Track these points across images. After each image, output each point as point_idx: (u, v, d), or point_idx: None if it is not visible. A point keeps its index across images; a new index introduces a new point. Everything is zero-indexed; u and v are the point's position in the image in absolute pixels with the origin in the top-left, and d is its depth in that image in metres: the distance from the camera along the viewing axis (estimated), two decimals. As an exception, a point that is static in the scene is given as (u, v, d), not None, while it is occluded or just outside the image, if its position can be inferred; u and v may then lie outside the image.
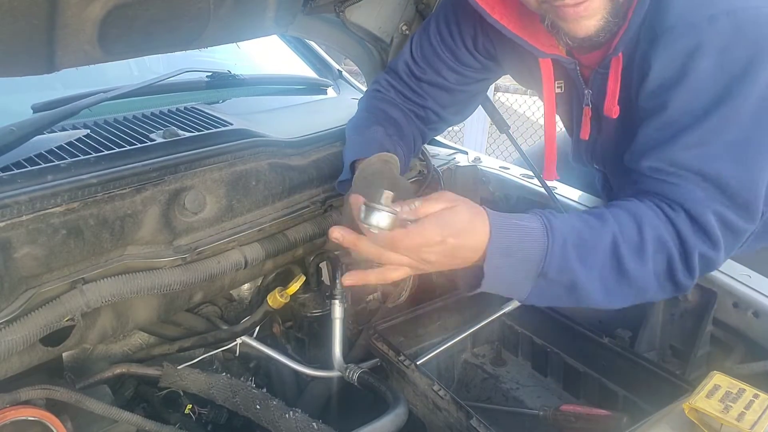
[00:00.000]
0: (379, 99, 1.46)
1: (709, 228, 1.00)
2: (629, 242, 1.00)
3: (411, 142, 1.43)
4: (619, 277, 1.01)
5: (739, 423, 0.80)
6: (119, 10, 1.02)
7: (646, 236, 1.00)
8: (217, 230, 1.29)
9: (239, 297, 1.58)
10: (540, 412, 1.24)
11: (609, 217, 1.02)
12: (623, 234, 1.00)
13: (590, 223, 1.02)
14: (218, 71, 1.71)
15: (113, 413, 1.11)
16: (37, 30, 0.98)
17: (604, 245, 1.00)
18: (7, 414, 0.99)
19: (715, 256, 1.02)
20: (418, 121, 1.47)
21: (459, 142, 4.77)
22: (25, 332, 1.01)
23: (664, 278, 1.03)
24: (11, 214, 1.03)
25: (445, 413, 1.11)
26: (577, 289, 1.00)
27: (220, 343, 1.38)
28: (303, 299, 1.50)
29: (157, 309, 1.26)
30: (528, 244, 0.96)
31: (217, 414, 1.31)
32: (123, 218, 1.14)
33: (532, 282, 0.99)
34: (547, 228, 0.98)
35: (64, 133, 1.32)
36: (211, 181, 1.27)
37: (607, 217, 1.02)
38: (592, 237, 1.00)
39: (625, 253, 0.99)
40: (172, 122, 1.44)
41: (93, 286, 1.09)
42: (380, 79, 1.50)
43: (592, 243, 1.00)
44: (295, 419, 1.11)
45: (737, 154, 0.98)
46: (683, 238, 1.00)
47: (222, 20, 1.20)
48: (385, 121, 1.38)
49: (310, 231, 1.42)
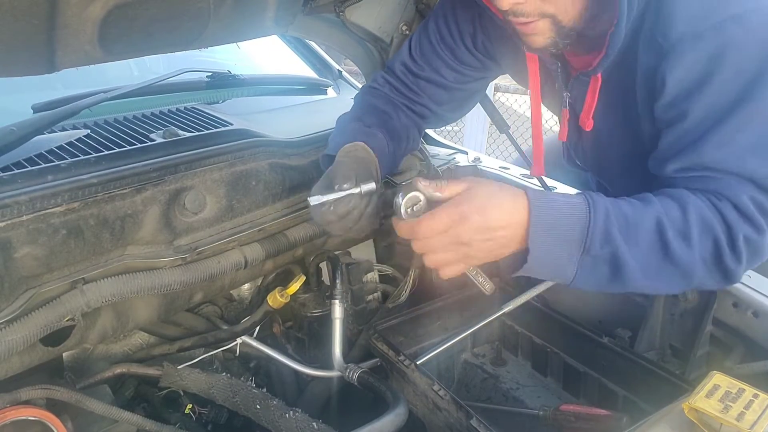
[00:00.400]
0: (370, 94, 1.45)
1: (750, 212, 1.00)
2: (674, 223, 1.00)
3: (403, 134, 1.41)
4: (665, 258, 1.00)
5: (738, 423, 0.80)
6: (119, 10, 1.02)
7: (691, 219, 1.00)
8: (217, 230, 1.29)
9: (239, 297, 1.58)
10: (540, 412, 1.23)
11: (654, 200, 1.03)
12: (668, 215, 1.00)
13: (634, 203, 1.02)
14: (218, 71, 1.71)
15: (113, 413, 1.11)
16: (37, 30, 0.98)
17: (649, 225, 0.99)
18: (7, 414, 0.99)
19: (760, 240, 1.01)
20: (412, 114, 1.46)
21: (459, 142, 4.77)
22: (26, 332, 1.01)
23: (712, 263, 1.02)
24: (11, 214, 1.03)
25: (445, 413, 1.11)
26: (622, 268, 0.99)
27: (220, 343, 1.38)
28: (303, 299, 1.50)
29: (158, 309, 1.26)
30: (569, 219, 0.96)
31: (218, 414, 1.31)
32: (123, 218, 1.14)
33: (576, 260, 0.98)
34: (589, 202, 0.98)
35: (64, 133, 1.32)
36: (211, 181, 1.27)
37: (651, 200, 1.03)
38: (635, 215, 1.00)
39: (670, 234, 0.99)
40: (172, 122, 1.44)
41: (93, 286, 1.09)
42: (377, 76, 1.50)
43: (635, 221, 0.99)
44: (295, 419, 1.11)
45: (763, 149, 0.99)
46: (729, 222, 1.00)
47: (222, 20, 1.20)
48: (371, 114, 1.37)
49: (310, 231, 1.42)
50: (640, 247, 0.99)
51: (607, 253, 0.98)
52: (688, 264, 1.01)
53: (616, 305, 1.42)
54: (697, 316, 1.27)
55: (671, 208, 1.01)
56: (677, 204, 1.02)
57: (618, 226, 0.98)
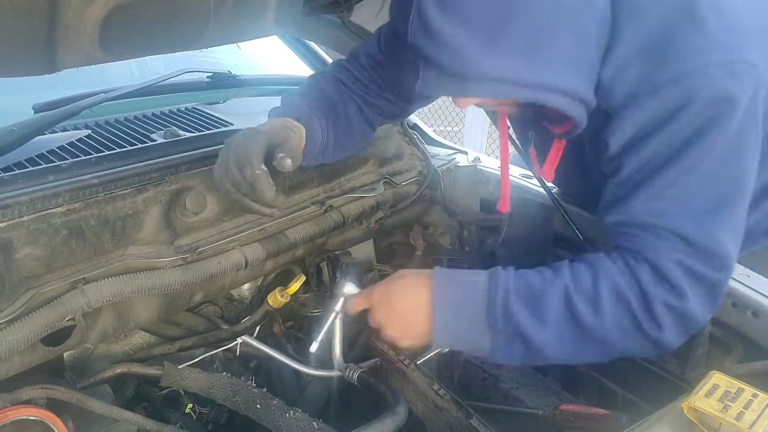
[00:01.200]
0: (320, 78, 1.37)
1: (672, 277, 0.97)
2: (583, 293, 1.00)
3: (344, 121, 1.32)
4: (576, 329, 1.00)
5: (737, 422, 0.80)
6: (120, 11, 1.02)
7: (601, 287, 0.99)
8: (217, 230, 1.29)
9: (239, 297, 1.58)
10: (540, 412, 1.24)
11: (565, 269, 1.03)
12: (576, 285, 1.00)
13: (544, 274, 1.04)
14: (219, 72, 1.71)
15: (114, 412, 1.11)
16: (38, 31, 0.98)
17: (557, 296, 1.00)
18: (8, 413, 0.99)
19: (681, 305, 0.98)
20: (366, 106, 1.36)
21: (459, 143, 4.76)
22: (27, 332, 1.02)
23: (631, 331, 1.00)
24: (12, 215, 1.03)
25: (445, 413, 1.11)
26: (530, 342, 1.00)
27: (220, 343, 1.38)
28: (303, 299, 1.51)
29: (158, 309, 1.26)
30: (473, 297, 1.02)
31: (218, 413, 1.31)
32: (124, 218, 1.14)
33: (487, 335, 1.02)
34: (491, 279, 1.03)
35: (65, 133, 1.32)
36: (212, 181, 1.27)
37: (562, 269, 1.03)
38: (542, 288, 1.01)
39: (579, 305, 0.99)
40: (172, 123, 1.45)
41: (94, 286, 1.10)
42: (338, 63, 1.41)
43: (541, 294, 1.01)
44: (295, 418, 1.12)
45: (693, 209, 0.98)
46: (644, 288, 0.98)
47: (222, 21, 1.20)
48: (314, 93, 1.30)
49: (310, 231, 1.42)
50: (548, 320, 1.00)
51: (511, 329, 1.01)
52: (602, 333, 1.00)
53: (616, 305, 1.42)
54: (696, 316, 1.27)
55: (583, 277, 1.01)
56: (590, 271, 1.01)
57: (521, 302, 1.00)
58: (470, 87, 0.94)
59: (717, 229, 0.98)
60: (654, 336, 0.99)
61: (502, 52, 0.89)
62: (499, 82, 0.92)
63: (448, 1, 0.88)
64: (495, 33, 0.88)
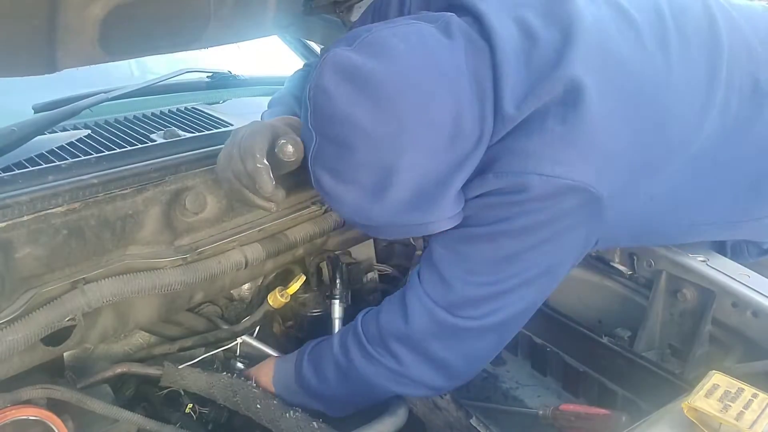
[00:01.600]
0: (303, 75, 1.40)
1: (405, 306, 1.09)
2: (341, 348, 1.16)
3: None
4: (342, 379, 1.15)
5: (737, 422, 0.80)
6: (120, 11, 1.02)
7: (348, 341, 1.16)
8: (217, 230, 1.29)
9: (240, 297, 1.58)
10: (539, 412, 1.24)
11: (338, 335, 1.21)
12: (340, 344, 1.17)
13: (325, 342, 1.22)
14: (219, 72, 1.71)
15: (114, 412, 1.11)
16: (38, 30, 0.98)
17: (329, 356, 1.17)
18: (8, 413, 0.99)
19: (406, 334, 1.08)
20: None
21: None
22: (27, 332, 1.02)
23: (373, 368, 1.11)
24: (12, 215, 1.03)
25: (445, 413, 1.12)
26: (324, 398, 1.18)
27: (220, 343, 1.38)
28: (303, 299, 1.51)
29: (158, 309, 1.26)
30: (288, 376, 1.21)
31: (218, 413, 1.31)
32: (124, 218, 1.14)
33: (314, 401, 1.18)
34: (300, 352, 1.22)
35: (65, 133, 1.32)
36: (212, 181, 1.27)
37: None
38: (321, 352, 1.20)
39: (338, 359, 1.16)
40: (172, 123, 1.45)
41: (94, 286, 1.10)
42: None
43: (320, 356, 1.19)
44: (295, 418, 1.12)
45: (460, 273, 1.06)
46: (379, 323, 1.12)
47: (222, 21, 1.20)
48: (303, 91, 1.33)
49: (311, 231, 1.42)
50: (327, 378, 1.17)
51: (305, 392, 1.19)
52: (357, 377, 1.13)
53: (616, 305, 1.42)
54: (696, 316, 1.27)
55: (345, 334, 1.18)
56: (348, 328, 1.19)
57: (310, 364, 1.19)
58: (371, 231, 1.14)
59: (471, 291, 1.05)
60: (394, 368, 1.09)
61: (388, 204, 0.97)
62: (392, 227, 1.03)
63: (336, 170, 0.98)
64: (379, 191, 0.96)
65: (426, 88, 0.94)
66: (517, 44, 0.98)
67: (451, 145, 0.95)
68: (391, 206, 0.97)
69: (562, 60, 0.95)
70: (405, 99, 0.92)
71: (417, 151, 0.94)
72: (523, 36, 0.99)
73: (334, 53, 0.96)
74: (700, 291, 1.26)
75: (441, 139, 0.95)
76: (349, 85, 0.93)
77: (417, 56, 0.95)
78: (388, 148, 0.93)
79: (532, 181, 0.94)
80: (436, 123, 0.94)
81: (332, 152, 0.97)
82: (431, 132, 0.94)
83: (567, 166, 0.94)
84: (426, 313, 1.06)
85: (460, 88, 0.95)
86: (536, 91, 0.95)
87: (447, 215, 1.00)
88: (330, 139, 0.97)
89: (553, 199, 0.95)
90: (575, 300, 1.47)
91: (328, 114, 0.95)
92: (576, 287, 1.46)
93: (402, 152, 0.93)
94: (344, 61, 0.94)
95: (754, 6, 1.29)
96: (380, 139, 0.93)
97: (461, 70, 0.96)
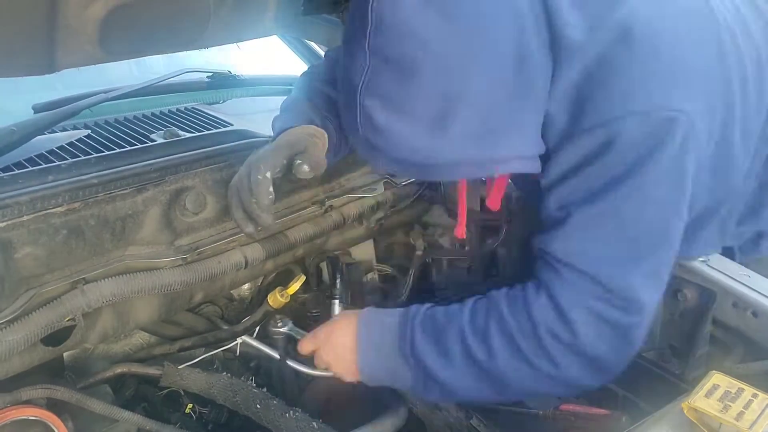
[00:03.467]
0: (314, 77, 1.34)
1: (566, 312, 0.96)
2: (477, 334, 1.01)
3: None
4: (477, 370, 1.01)
5: (737, 422, 0.80)
6: (120, 11, 1.02)
7: (491, 326, 1.00)
8: (217, 230, 1.29)
9: (240, 297, 1.58)
10: (540, 412, 1.24)
11: (466, 308, 1.05)
12: (472, 325, 1.02)
13: (450, 310, 1.06)
14: (219, 72, 1.71)
15: (114, 413, 1.11)
16: (37, 30, 0.98)
17: (454, 337, 1.02)
18: (8, 414, 1.00)
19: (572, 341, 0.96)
20: None
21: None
22: (26, 332, 1.02)
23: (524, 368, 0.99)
24: (12, 215, 1.03)
25: (445, 413, 1.12)
26: (438, 379, 1.02)
27: (220, 343, 1.38)
28: (303, 299, 1.51)
29: (158, 309, 1.26)
30: (389, 336, 1.07)
31: (218, 413, 1.31)
32: (124, 218, 1.14)
33: (406, 373, 1.05)
34: (403, 316, 1.07)
35: (64, 133, 1.32)
36: (212, 181, 1.27)
37: (464, 308, 1.05)
38: (444, 327, 1.03)
39: (472, 346, 1.00)
40: (172, 123, 1.45)
41: (94, 286, 1.10)
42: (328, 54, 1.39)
43: (443, 332, 1.03)
44: (295, 418, 1.12)
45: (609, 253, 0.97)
46: (533, 319, 0.98)
47: (222, 21, 1.20)
48: (317, 96, 1.28)
49: (311, 231, 1.42)
50: (451, 359, 1.01)
51: (420, 367, 1.03)
52: (501, 373, 1.00)
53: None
54: (696, 316, 1.27)
55: (479, 316, 1.02)
56: (486, 308, 1.03)
57: (426, 340, 1.03)
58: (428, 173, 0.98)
59: (632, 276, 0.96)
60: (550, 372, 0.98)
61: (450, 139, 0.91)
62: (454, 165, 0.94)
63: (392, 99, 0.90)
64: (440, 122, 0.89)
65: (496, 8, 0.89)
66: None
67: (519, 69, 0.90)
68: (455, 140, 0.90)
69: None
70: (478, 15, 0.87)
71: (485, 74, 0.88)
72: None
73: None
74: (700, 291, 1.26)
75: (508, 63, 0.90)
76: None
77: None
78: (456, 70, 0.87)
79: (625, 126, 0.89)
80: (501, 43, 0.89)
81: (390, 77, 0.89)
82: (500, 54, 0.89)
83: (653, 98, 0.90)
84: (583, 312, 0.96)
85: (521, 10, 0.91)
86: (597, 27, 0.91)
87: (517, 153, 0.94)
88: (390, 61, 0.89)
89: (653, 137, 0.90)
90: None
91: (392, 27, 0.87)
92: (576, 287, 1.46)
93: (469, 75, 0.88)
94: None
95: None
96: (447, 58, 0.87)
97: None
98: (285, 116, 1.23)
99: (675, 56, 0.94)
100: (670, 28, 0.95)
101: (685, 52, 0.95)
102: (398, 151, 0.94)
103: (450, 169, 0.96)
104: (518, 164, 0.96)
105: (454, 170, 0.96)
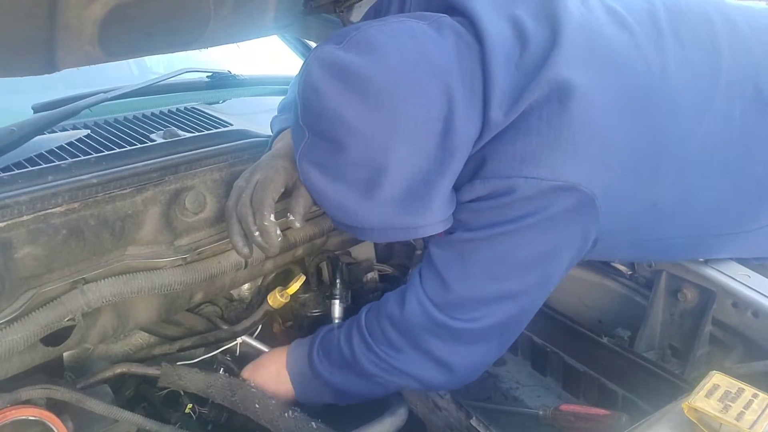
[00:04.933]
0: None
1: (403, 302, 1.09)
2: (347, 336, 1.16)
3: None
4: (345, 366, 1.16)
5: (738, 422, 0.80)
6: (120, 11, 1.02)
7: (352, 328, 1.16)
8: (217, 230, 1.29)
9: (239, 297, 1.58)
10: (540, 412, 1.24)
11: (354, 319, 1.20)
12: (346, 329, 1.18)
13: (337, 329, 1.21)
14: (218, 71, 1.71)
15: (114, 413, 1.11)
16: (37, 30, 0.98)
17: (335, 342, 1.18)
18: (7, 414, 0.99)
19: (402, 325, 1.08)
20: None
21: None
22: (26, 332, 1.02)
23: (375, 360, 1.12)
24: (12, 215, 1.03)
25: (445, 413, 1.12)
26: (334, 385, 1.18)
27: (220, 343, 1.38)
28: (303, 299, 1.51)
29: (158, 309, 1.26)
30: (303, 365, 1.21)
31: (217, 413, 1.31)
32: (124, 218, 1.14)
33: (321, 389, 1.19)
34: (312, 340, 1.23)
35: (64, 133, 1.32)
36: (212, 181, 1.27)
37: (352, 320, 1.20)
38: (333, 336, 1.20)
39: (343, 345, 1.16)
40: (172, 122, 1.45)
41: (94, 286, 1.10)
42: None
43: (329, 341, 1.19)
44: (294, 418, 1.12)
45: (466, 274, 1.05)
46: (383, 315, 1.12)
47: (222, 20, 1.20)
48: None
49: (310, 231, 1.42)
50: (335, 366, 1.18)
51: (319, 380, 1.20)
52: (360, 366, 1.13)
53: (616, 305, 1.42)
54: (696, 316, 1.27)
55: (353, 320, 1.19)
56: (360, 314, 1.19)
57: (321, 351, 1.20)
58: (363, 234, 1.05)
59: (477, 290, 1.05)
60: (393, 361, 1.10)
61: (378, 205, 0.96)
62: (383, 230, 1.01)
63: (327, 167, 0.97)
64: (368, 191, 0.95)
65: (415, 82, 0.93)
66: (508, 46, 0.98)
67: (442, 143, 0.95)
68: (381, 207, 0.97)
69: (548, 60, 0.95)
70: (394, 94, 0.92)
71: (407, 148, 0.93)
72: (515, 37, 0.99)
73: (322, 51, 0.96)
74: (700, 291, 1.26)
75: (432, 136, 0.94)
76: (337, 83, 0.92)
77: (406, 52, 0.94)
78: (378, 145, 0.93)
79: (518, 184, 0.94)
80: (427, 118, 0.93)
81: (323, 148, 0.97)
82: (422, 127, 0.94)
83: (552, 168, 0.94)
84: (421, 310, 1.06)
85: (451, 84, 0.94)
86: (524, 94, 0.95)
87: (437, 219, 1.00)
88: (321, 136, 0.96)
89: (542, 200, 0.95)
90: (575, 300, 1.47)
91: (317, 111, 0.95)
92: (576, 287, 1.46)
93: (392, 149, 0.93)
94: (332, 58, 0.94)
95: (755, 8, 1.28)
96: (370, 135, 0.92)
97: (452, 67, 0.95)
98: (282, 116, 1.23)
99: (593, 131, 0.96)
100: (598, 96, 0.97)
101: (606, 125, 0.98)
102: (336, 212, 1.03)
103: (380, 233, 1.03)
104: (437, 227, 1.01)
105: (383, 234, 1.03)
